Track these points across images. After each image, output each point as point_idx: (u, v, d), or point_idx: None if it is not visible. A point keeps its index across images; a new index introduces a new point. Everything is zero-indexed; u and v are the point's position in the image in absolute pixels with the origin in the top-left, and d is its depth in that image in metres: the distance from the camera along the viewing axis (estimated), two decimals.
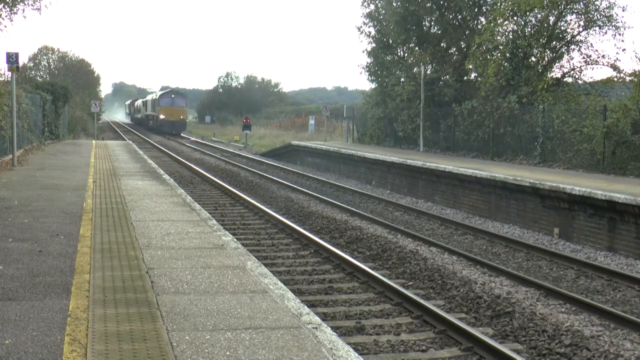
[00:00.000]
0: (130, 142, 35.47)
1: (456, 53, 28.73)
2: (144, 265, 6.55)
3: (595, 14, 22.22)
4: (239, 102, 75.93)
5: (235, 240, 8.16)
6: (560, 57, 23.24)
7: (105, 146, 28.18)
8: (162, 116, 54.61)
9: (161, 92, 58.87)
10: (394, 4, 29.86)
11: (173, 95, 56.57)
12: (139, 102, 78.30)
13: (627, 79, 20.79)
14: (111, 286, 5.73)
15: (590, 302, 8.63)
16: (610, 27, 22.05)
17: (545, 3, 21.90)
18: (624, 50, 26.34)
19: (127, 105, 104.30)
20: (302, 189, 19.52)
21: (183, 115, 56.02)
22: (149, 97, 67.16)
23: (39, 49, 57.75)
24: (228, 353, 4.20)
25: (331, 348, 4.38)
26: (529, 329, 7.59)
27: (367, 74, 32.48)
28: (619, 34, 21.99)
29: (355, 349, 6.27)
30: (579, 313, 8.40)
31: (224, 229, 8.98)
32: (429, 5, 28.79)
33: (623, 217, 12.30)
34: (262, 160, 31.15)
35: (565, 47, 23.14)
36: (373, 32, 32.03)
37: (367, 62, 32.27)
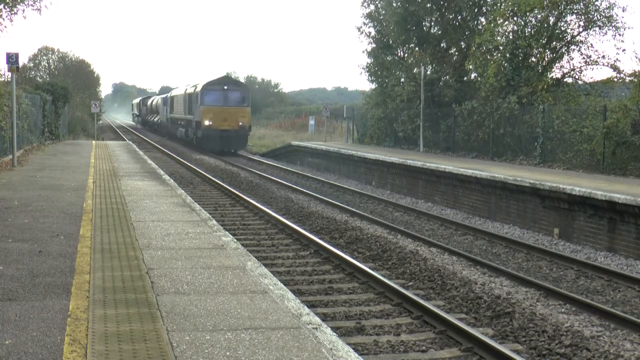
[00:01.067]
0: (130, 142, 35.48)
1: (456, 53, 28.74)
2: (144, 265, 6.55)
3: (595, 14, 22.24)
4: None
5: (235, 240, 8.16)
6: (560, 58, 23.26)
7: (105, 146, 28.18)
8: (207, 122, 32.80)
9: (205, 83, 34.09)
10: (394, 5, 29.88)
11: (226, 87, 33.66)
12: (157, 100, 54.07)
13: (627, 79, 20.80)
14: (111, 286, 5.73)
15: (590, 303, 8.63)
16: (610, 28, 22.09)
17: (545, 3, 21.91)
18: (624, 50, 26.49)
19: (136, 104, 76.42)
20: (302, 189, 19.52)
21: (243, 121, 33.33)
22: (177, 92, 42.37)
23: (39, 49, 57.65)
24: (228, 353, 4.20)
25: (331, 348, 4.37)
26: (529, 330, 7.59)
27: (367, 74, 32.51)
28: (619, 35, 22.04)
29: (355, 350, 6.28)
30: (579, 313, 8.40)
31: (224, 230, 8.98)
32: (429, 5, 28.80)
33: (623, 217, 12.31)
34: (262, 160, 31.13)
35: (565, 48, 23.15)
36: (373, 33, 32.04)
37: (367, 63, 32.29)
